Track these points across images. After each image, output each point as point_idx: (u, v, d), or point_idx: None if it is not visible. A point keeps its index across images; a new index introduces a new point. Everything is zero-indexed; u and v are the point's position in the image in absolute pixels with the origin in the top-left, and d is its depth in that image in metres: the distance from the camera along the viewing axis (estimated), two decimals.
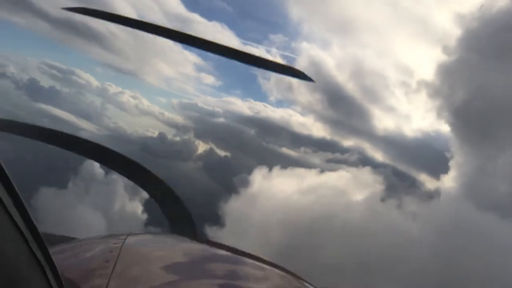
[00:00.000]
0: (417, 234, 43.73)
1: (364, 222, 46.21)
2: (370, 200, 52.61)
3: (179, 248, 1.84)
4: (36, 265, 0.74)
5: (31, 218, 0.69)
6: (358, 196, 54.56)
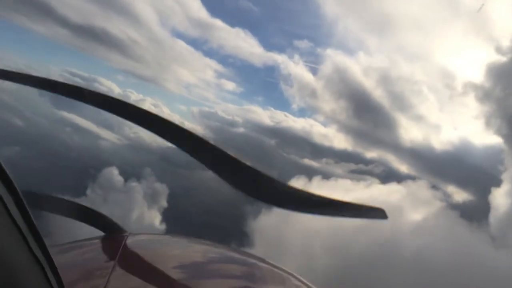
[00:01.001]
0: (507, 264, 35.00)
1: (438, 251, 36.87)
2: (438, 221, 44.57)
3: (179, 248, 1.88)
4: (36, 265, 0.75)
5: (31, 218, 0.70)
6: (419, 215, 46.18)
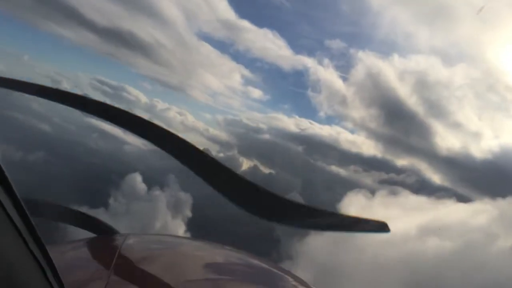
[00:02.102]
0: None
1: None
2: None
3: (178, 248, 1.94)
4: (35, 265, 0.77)
5: (30, 219, 0.72)
6: None
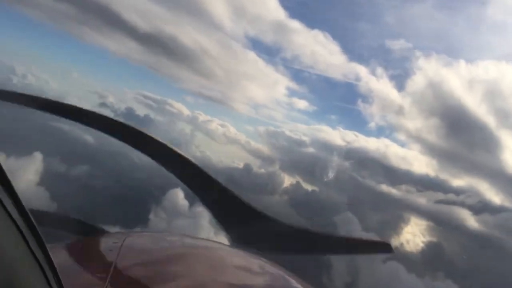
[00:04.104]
0: None
1: None
2: None
3: (178, 247, 2.00)
4: (35, 265, 0.79)
5: (31, 217, 0.74)
6: None
